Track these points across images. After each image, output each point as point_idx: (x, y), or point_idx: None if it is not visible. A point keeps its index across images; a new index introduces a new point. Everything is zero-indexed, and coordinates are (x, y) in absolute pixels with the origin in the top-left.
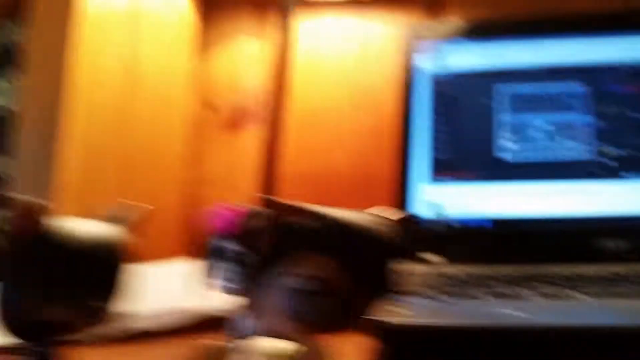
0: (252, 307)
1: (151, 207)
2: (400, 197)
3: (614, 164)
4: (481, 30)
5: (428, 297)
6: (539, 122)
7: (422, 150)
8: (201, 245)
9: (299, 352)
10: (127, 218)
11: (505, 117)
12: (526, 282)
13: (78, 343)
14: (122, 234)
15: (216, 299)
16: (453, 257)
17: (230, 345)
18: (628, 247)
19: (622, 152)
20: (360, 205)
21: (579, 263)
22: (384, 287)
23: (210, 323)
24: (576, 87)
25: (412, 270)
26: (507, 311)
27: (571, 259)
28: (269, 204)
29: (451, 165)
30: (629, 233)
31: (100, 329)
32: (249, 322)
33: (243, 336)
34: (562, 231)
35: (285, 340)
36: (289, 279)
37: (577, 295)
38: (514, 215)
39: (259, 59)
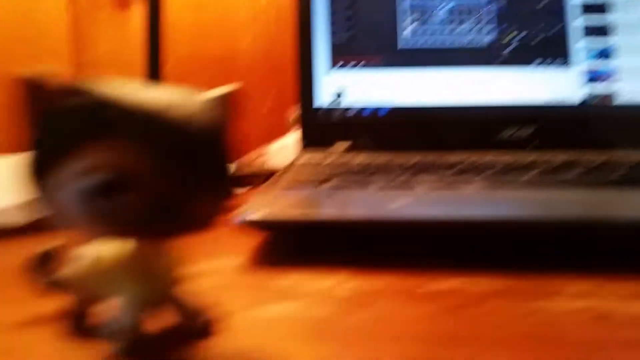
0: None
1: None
2: (301, 85)
3: (515, 49)
4: None
5: (313, 187)
6: (439, 4)
7: (322, 35)
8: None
9: (132, 253)
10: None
11: None
12: (421, 171)
13: None
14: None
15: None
16: (352, 146)
17: (65, 248)
18: (529, 135)
19: (525, 38)
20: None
21: (478, 151)
22: (218, 177)
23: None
24: None
25: (304, 160)
26: (392, 202)
27: (470, 147)
28: (32, 84)
29: (349, 50)
30: (529, 121)
31: None
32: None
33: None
34: (462, 119)
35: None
36: (75, 176)
37: (469, 186)
38: (412, 103)
39: None
